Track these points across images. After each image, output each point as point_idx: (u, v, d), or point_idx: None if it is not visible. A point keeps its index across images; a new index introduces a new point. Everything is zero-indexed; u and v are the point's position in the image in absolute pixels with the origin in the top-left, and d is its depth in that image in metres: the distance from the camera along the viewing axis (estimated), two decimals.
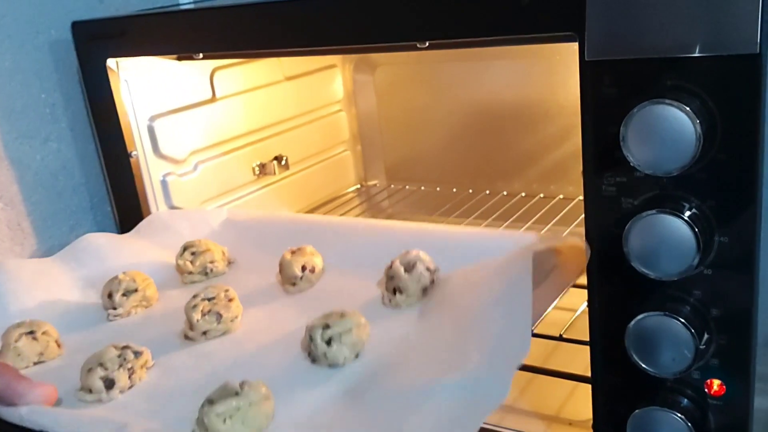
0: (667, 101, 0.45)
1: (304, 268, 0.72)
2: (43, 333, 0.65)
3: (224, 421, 0.50)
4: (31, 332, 0.65)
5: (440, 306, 0.63)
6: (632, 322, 0.51)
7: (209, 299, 0.65)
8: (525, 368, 0.70)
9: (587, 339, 0.57)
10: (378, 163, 1.19)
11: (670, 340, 0.50)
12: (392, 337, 0.61)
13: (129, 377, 0.59)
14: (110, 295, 0.72)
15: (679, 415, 0.52)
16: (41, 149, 0.85)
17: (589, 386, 0.58)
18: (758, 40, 0.43)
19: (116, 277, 0.72)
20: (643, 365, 0.52)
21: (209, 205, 0.93)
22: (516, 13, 0.53)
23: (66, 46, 0.82)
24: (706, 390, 0.53)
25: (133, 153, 0.83)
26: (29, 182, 0.84)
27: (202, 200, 0.92)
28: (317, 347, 0.57)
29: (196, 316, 0.64)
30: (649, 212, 0.48)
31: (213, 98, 0.93)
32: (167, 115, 0.87)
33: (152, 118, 0.85)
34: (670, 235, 0.48)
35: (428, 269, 0.67)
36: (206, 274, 0.77)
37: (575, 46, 0.50)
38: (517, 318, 0.51)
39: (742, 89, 0.45)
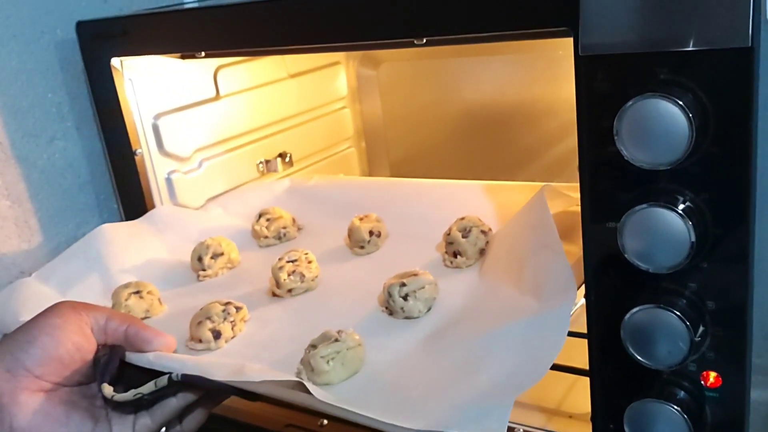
0: (660, 95, 0.45)
1: (371, 233, 0.80)
2: (148, 292, 0.72)
3: (327, 362, 0.57)
4: (138, 292, 0.72)
5: (495, 263, 0.70)
6: (628, 315, 0.51)
7: (292, 261, 0.73)
8: None
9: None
10: (382, 159, 1.20)
11: (665, 332, 0.50)
12: (458, 293, 0.68)
13: (232, 329, 0.66)
14: (200, 259, 0.79)
15: (675, 407, 0.52)
16: (48, 148, 0.86)
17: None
18: (750, 34, 0.44)
19: (204, 242, 0.80)
20: (639, 358, 0.52)
21: (213, 202, 0.94)
22: (511, 9, 0.53)
23: (71, 46, 0.83)
24: (702, 382, 0.53)
25: (138, 151, 0.84)
26: (36, 180, 0.85)
27: (206, 197, 0.93)
28: (395, 302, 0.65)
29: (283, 276, 0.72)
30: (643, 206, 0.48)
31: (217, 96, 0.94)
32: (172, 113, 0.88)
33: (157, 117, 0.86)
34: (664, 229, 0.48)
35: (483, 232, 0.73)
36: (280, 238, 0.86)
37: None
38: (556, 261, 0.58)
39: (735, 82, 0.45)
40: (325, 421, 0.73)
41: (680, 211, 0.47)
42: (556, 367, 0.68)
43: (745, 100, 0.45)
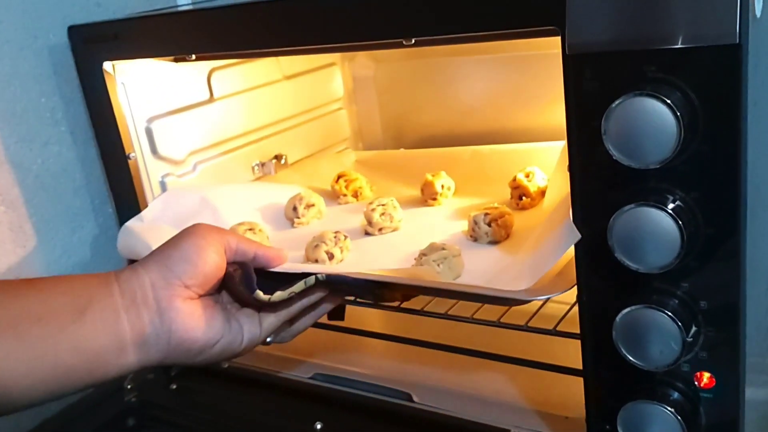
0: (648, 93, 0.45)
1: (442, 187, 0.91)
2: (259, 230, 0.83)
3: (438, 265, 0.68)
4: (251, 229, 0.82)
5: (552, 197, 0.77)
6: (619, 316, 0.51)
7: (382, 205, 0.85)
8: (517, 361, 0.70)
9: None
10: None
11: (656, 333, 0.50)
12: (528, 226, 0.78)
13: (341, 252, 0.77)
14: (294, 208, 0.90)
15: (669, 408, 0.52)
16: (42, 152, 0.86)
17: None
18: (737, 31, 0.43)
19: (298, 194, 0.91)
20: (632, 359, 0.52)
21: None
22: (498, 9, 0.53)
23: (64, 50, 0.83)
24: (696, 383, 0.52)
25: (131, 155, 0.83)
26: (30, 185, 0.85)
27: None
28: (480, 228, 0.76)
29: (376, 216, 0.84)
30: (632, 206, 0.48)
31: (211, 99, 0.93)
32: (165, 116, 0.87)
33: (150, 120, 0.86)
34: (653, 228, 0.47)
35: (543, 178, 0.85)
36: (356, 196, 0.97)
37: None
38: None
39: (723, 80, 0.45)
40: (319, 425, 0.72)
41: (670, 211, 0.47)
42: (551, 368, 0.68)
43: (734, 97, 0.45)
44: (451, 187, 0.92)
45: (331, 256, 0.76)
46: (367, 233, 0.85)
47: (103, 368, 0.51)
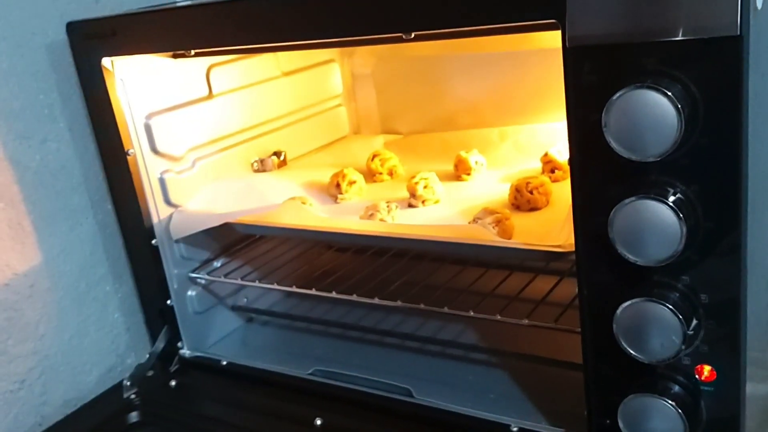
0: (648, 86, 0.45)
1: (476, 163, 0.95)
2: (309, 204, 0.90)
3: (493, 227, 0.73)
4: (304, 203, 0.89)
5: None
6: (620, 309, 0.51)
7: (425, 178, 0.89)
8: (517, 356, 0.70)
9: None
10: None
11: (657, 326, 0.50)
12: (563, 196, 0.82)
13: (392, 221, 0.82)
14: (337, 185, 0.94)
15: (669, 401, 0.52)
16: (40, 149, 0.85)
17: None
18: (738, 22, 0.43)
19: (341, 171, 0.95)
20: (632, 352, 0.52)
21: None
22: (498, 2, 0.52)
23: (62, 47, 0.83)
24: (696, 376, 0.52)
25: (130, 151, 0.83)
26: (29, 182, 0.84)
27: None
28: (522, 195, 0.81)
29: (420, 188, 0.88)
30: (633, 198, 0.48)
31: (209, 95, 0.93)
32: (164, 112, 0.87)
33: (149, 116, 0.85)
34: (654, 221, 0.47)
35: None
36: (391, 174, 1.01)
37: None
38: None
39: (724, 72, 0.45)
40: (319, 421, 0.72)
41: (671, 203, 0.47)
42: (551, 362, 0.68)
43: (735, 89, 0.45)
44: (484, 163, 0.96)
45: None
46: (410, 205, 0.89)
47: None
